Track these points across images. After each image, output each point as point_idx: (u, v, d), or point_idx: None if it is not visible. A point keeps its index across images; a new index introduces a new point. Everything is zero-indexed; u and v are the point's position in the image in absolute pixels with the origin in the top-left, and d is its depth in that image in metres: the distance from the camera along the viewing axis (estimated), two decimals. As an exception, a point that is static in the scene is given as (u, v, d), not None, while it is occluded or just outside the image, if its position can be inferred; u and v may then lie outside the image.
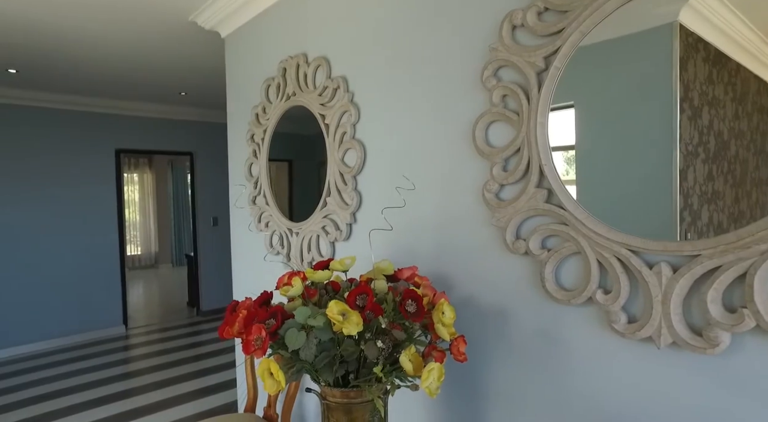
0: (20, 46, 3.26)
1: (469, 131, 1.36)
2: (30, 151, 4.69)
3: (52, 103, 4.75)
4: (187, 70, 3.89)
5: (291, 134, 2.27)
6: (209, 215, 5.93)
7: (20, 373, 4.16)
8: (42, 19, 2.75)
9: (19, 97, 4.54)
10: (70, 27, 2.86)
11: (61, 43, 3.19)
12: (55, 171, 4.84)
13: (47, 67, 3.78)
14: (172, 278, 8.87)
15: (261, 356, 1.02)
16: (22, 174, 4.66)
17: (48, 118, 4.78)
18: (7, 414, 3.36)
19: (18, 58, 3.54)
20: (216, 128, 5.88)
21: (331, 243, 1.88)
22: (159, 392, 3.68)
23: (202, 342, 5.04)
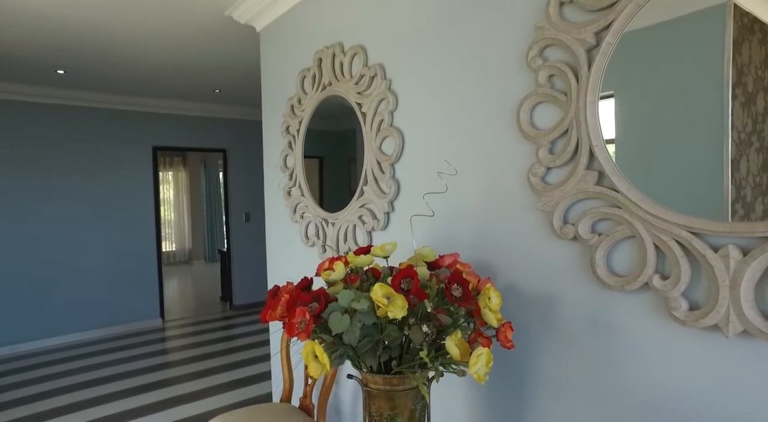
0: (68, 48, 3.38)
1: (512, 114, 1.32)
2: (74, 149, 4.87)
3: (94, 103, 4.91)
4: (222, 68, 3.96)
5: (321, 130, 2.27)
6: (242, 211, 6.02)
7: (66, 360, 4.32)
8: (87, 21, 2.84)
9: (65, 97, 4.72)
10: (112, 27, 2.95)
11: (104, 44, 3.29)
12: (96, 168, 5.01)
13: (91, 68, 3.91)
14: (205, 274, 9.07)
15: (305, 339, 1.01)
16: (67, 171, 4.85)
17: (91, 117, 4.95)
18: (54, 398, 3.50)
19: (66, 60, 3.68)
20: (248, 125, 5.97)
21: (368, 233, 1.86)
22: (194, 382, 3.75)
23: (235, 336, 5.13)
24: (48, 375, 4.00)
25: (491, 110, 1.38)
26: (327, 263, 1.27)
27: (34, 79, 4.28)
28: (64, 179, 4.83)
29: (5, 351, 4.58)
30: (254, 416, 1.99)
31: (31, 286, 4.70)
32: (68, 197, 4.86)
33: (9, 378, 3.97)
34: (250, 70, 3.98)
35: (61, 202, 4.82)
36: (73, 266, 4.90)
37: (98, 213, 5.04)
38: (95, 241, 5.03)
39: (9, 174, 4.56)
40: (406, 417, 1.20)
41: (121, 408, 3.31)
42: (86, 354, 4.50)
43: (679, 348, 1.00)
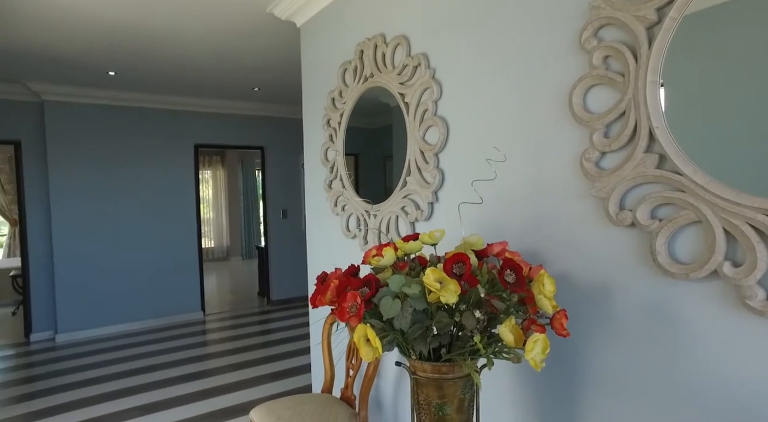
0: (118, 50, 3.52)
1: (563, 98, 1.28)
2: (122, 147, 5.08)
3: (140, 103, 5.10)
4: (261, 65, 4.03)
5: (357, 127, 2.28)
6: (279, 208, 6.13)
7: (117, 349, 4.51)
8: (136, 22, 2.94)
9: (114, 97, 4.92)
10: (158, 28, 3.05)
11: (150, 45, 3.40)
12: (142, 166, 5.20)
13: (138, 69, 4.06)
14: (242, 270, 9.28)
15: (356, 323, 1.01)
16: (117, 169, 5.05)
17: (137, 116, 5.14)
18: (106, 383, 3.66)
19: (116, 61, 3.83)
20: (286, 122, 6.07)
21: (411, 223, 1.85)
22: (234, 373, 3.84)
23: (272, 330, 5.21)
24: (101, 362, 4.18)
25: (541, 94, 1.35)
26: (375, 250, 1.27)
27: (88, 82, 4.48)
28: (113, 177, 5.04)
29: (65, 337, 4.83)
30: (297, 405, 2.01)
31: (88, 279, 4.93)
32: (117, 195, 5.07)
33: (68, 362, 4.18)
34: (289, 67, 4.04)
35: (111, 199, 5.03)
36: (123, 261, 5.11)
37: (145, 210, 5.24)
38: (142, 236, 5.22)
39: (66, 171, 4.79)
40: (455, 405, 1.18)
41: (165, 396, 3.42)
42: (134, 344, 4.68)
43: (755, 338, 0.94)
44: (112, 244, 5.07)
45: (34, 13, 2.85)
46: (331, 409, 1.98)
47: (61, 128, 4.78)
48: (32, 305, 4.88)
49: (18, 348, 4.73)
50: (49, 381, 3.81)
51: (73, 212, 4.86)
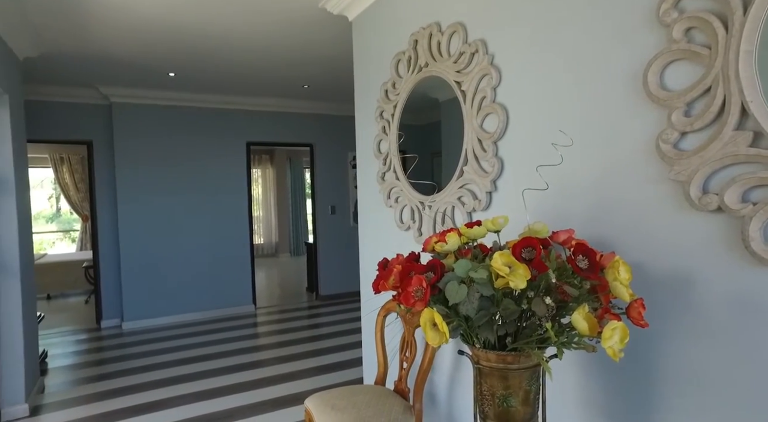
0: (178, 51, 3.68)
1: (637, 77, 1.21)
2: (180, 146, 5.31)
3: (197, 102, 5.32)
4: (311, 62, 4.09)
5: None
6: (327, 204, 6.21)
7: (174, 338, 4.72)
8: (195, 24, 3.06)
9: (173, 98, 5.16)
10: (216, 29, 3.15)
11: (208, 46, 3.53)
12: (199, 164, 5.42)
13: (196, 70, 4.23)
14: (291, 266, 9.48)
15: (422, 307, 0.99)
16: (176, 167, 5.29)
17: (194, 116, 5.36)
18: (163, 370, 3.83)
19: (175, 63, 4.01)
20: (334, 120, 6.14)
21: (468, 214, 1.81)
22: (284, 365, 3.91)
23: (321, 324, 5.29)
24: (161, 349, 4.39)
25: (611, 74, 1.28)
26: (436, 237, 1.24)
27: (150, 83, 4.71)
28: (172, 174, 5.28)
29: (131, 324, 5.12)
30: (351, 395, 2.01)
31: (150, 271, 5.20)
32: (176, 191, 5.31)
33: (132, 348, 4.42)
34: (339, 63, 4.07)
35: (171, 195, 5.28)
36: (181, 255, 5.35)
37: (201, 206, 5.45)
38: (198, 232, 5.44)
39: (131, 170, 5.06)
40: (521, 397, 1.14)
41: (219, 384, 3.53)
42: (191, 333, 4.88)
43: None
44: (172, 239, 5.31)
45: (105, 20, 3.03)
46: (386, 400, 1.97)
47: (127, 128, 5.05)
48: (102, 294, 5.20)
49: (90, 333, 5.05)
50: (116, 364, 4.04)
51: (137, 208, 5.13)
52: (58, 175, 7.99)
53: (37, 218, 12.82)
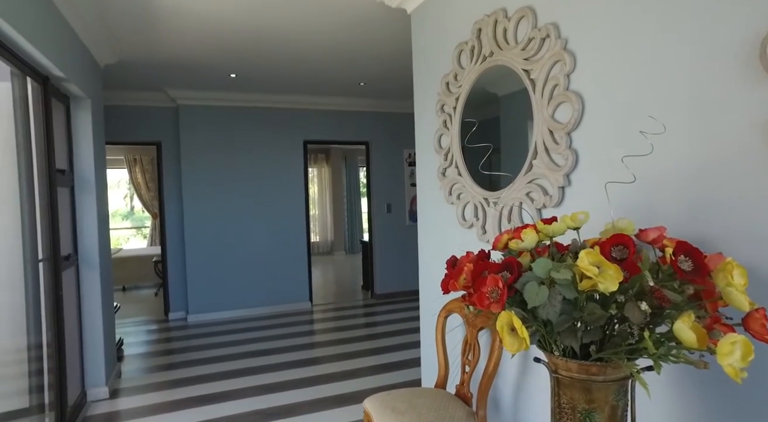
0: (240, 53, 3.78)
1: (750, 50, 1.06)
2: (241, 145, 5.48)
3: (256, 102, 5.47)
4: (368, 59, 4.07)
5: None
6: (383, 202, 6.19)
7: (235, 332, 4.88)
8: (256, 25, 3.12)
9: (233, 99, 5.33)
10: (275, 28, 3.20)
11: (268, 46, 3.60)
12: (258, 163, 5.57)
13: (256, 70, 4.33)
14: (346, 264, 9.58)
15: (498, 309, 0.91)
16: (237, 166, 5.47)
17: (253, 115, 5.52)
18: (225, 363, 3.96)
19: (237, 64, 4.13)
20: (390, 117, 6.11)
21: (538, 210, 1.70)
22: (341, 363, 3.92)
23: (377, 323, 5.27)
24: (223, 342, 4.55)
25: (713, 49, 1.13)
26: (509, 234, 1.15)
27: (213, 85, 4.89)
28: (233, 173, 5.46)
29: (195, 318, 5.36)
30: (412, 398, 1.95)
31: (212, 267, 5.41)
32: (237, 190, 5.49)
33: (197, 340, 4.61)
34: (396, 59, 4.03)
35: (231, 194, 5.46)
36: (241, 252, 5.52)
37: (260, 204, 5.60)
38: (258, 229, 5.60)
39: (195, 169, 5.29)
40: (606, 413, 1.03)
41: (279, 379, 3.59)
42: (251, 328, 5.02)
43: None
44: (233, 236, 5.49)
45: (174, 27, 3.16)
46: (447, 405, 1.89)
47: (191, 129, 5.28)
48: (169, 288, 5.47)
49: (159, 324, 5.34)
50: (183, 355, 4.23)
51: (201, 206, 5.34)
52: (132, 175, 8.52)
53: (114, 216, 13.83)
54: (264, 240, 5.63)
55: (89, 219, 3.22)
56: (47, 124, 2.62)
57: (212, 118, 5.35)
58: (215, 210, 5.40)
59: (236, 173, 5.48)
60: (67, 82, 2.78)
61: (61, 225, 2.91)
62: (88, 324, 3.26)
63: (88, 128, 3.20)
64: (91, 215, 3.22)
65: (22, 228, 2.47)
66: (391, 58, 4.02)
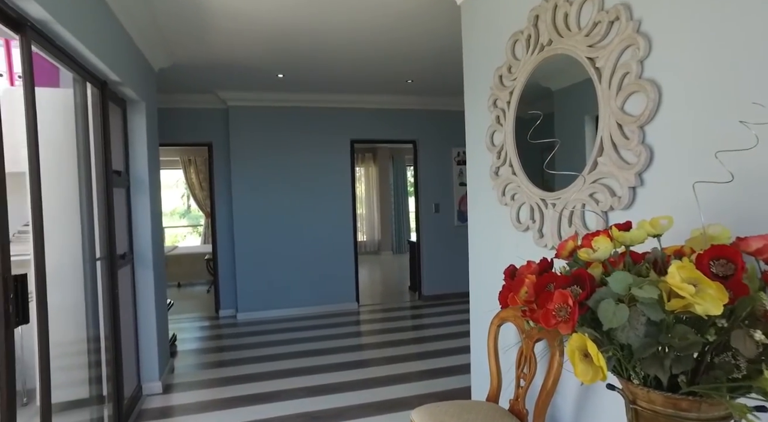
0: (287, 52, 3.78)
1: None
2: (288, 145, 5.53)
3: (303, 102, 5.49)
4: (416, 55, 3.96)
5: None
6: (431, 202, 6.06)
7: (282, 331, 4.92)
8: (304, 25, 3.09)
9: (281, 99, 5.38)
10: (322, 26, 3.16)
11: (315, 45, 3.57)
12: (306, 162, 5.59)
13: (303, 70, 4.33)
14: (393, 264, 9.52)
15: (568, 330, 0.78)
16: (284, 166, 5.52)
17: (300, 115, 5.55)
18: (274, 362, 3.97)
19: (285, 64, 4.14)
20: (438, 115, 5.97)
21: (604, 213, 1.53)
22: (388, 367, 3.84)
23: (425, 325, 5.16)
24: (271, 341, 4.59)
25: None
26: (574, 240, 1.02)
27: (261, 86, 4.95)
28: (281, 173, 5.51)
29: (244, 316, 5.45)
30: (462, 412, 1.84)
31: (260, 266, 5.49)
32: (284, 190, 5.53)
33: (245, 339, 4.69)
34: (445, 55, 3.90)
35: (279, 194, 5.52)
36: (289, 251, 5.57)
37: (307, 204, 5.62)
38: (305, 229, 5.62)
39: (244, 169, 5.39)
40: (698, 456, 0.87)
41: (326, 381, 3.56)
42: (299, 328, 5.04)
43: None
44: (281, 235, 5.54)
45: (224, 29, 3.19)
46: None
47: (241, 130, 5.38)
48: (220, 286, 5.60)
49: (210, 321, 5.48)
50: (233, 353, 4.30)
51: (249, 205, 5.43)
52: (187, 175, 8.85)
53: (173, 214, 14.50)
54: (311, 240, 5.65)
55: (143, 219, 3.31)
56: (104, 126, 2.71)
57: (260, 118, 5.42)
58: (263, 210, 5.48)
59: (284, 173, 5.53)
60: (123, 86, 2.86)
61: (117, 225, 3.00)
62: (142, 321, 3.36)
63: (142, 130, 3.29)
64: (145, 214, 3.32)
65: (81, 228, 2.55)
66: (439, 54, 3.90)
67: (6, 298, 1.67)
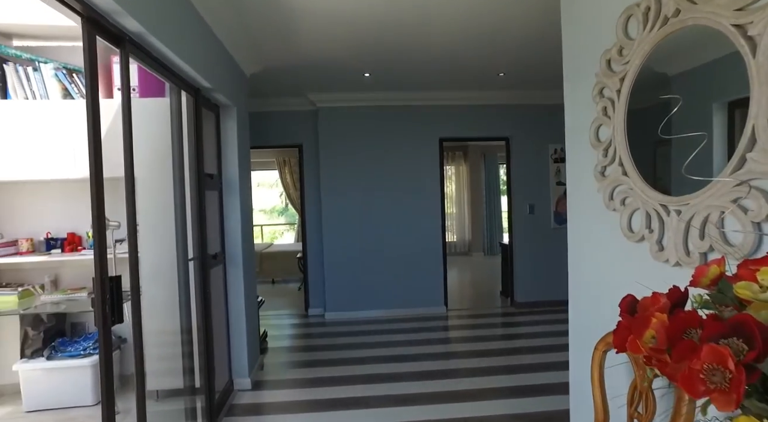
0: (373, 50, 3.71)
1: None
2: (375, 145, 5.48)
3: (390, 101, 5.40)
4: (509, 45, 3.67)
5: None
6: (525, 203, 5.66)
7: (369, 333, 4.88)
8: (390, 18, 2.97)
9: (367, 98, 5.35)
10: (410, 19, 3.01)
11: (402, 40, 3.45)
12: (393, 162, 5.51)
13: (390, 67, 4.23)
14: (484, 266, 9.14)
15: (730, 407, 0.54)
16: (371, 166, 5.49)
17: (387, 114, 5.47)
18: (359, 366, 3.91)
19: (371, 62, 4.07)
20: (533, 109, 5.57)
21: (755, 224, 1.20)
22: (477, 380, 3.60)
23: (517, 335, 4.82)
24: (358, 344, 4.56)
25: None
26: (719, 265, 0.75)
27: (348, 86, 4.95)
28: (368, 173, 5.48)
29: (331, 315, 5.52)
30: (560, 451, 1.58)
31: (348, 266, 5.51)
32: (371, 190, 5.50)
33: (333, 339, 4.73)
34: (540, 42, 3.56)
35: (366, 194, 5.49)
36: (376, 251, 5.53)
37: (394, 204, 5.53)
38: (392, 229, 5.54)
39: (332, 169, 5.44)
40: None
41: (412, 390, 3.41)
42: (385, 331, 4.97)
43: None
44: (367, 235, 5.51)
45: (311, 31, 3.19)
46: (608, 469, 1.48)
47: (328, 130, 5.43)
48: (309, 284, 5.72)
49: (300, 319, 5.63)
50: (320, 353, 4.34)
51: (337, 205, 5.47)
52: (282, 175, 9.24)
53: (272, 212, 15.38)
54: (399, 240, 5.55)
55: (234, 220, 3.42)
56: (197, 132, 2.81)
57: (348, 119, 5.43)
58: (351, 210, 5.48)
59: (371, 173, 5.49)
60: (215, 92, 2.95)
61: (210, 226, 3.12)
62: (233, 318, 3.47)
63: (233, 134, 3.40)
64: (236, 216, 3.42)
65: (175, 230, 2.67)
66: (534, 42, 3.57)
67: (103, 299, 1.75)
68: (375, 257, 5.52)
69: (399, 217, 5.54)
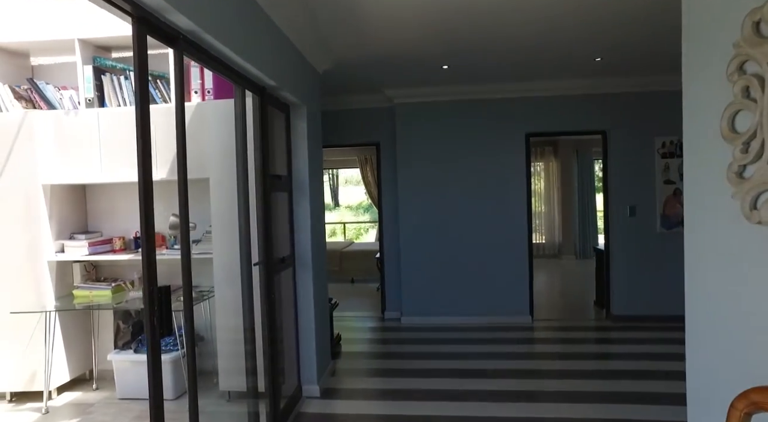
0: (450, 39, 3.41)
1: None
2: (455, 141, 5.16)
3: (471, 95, 5.05)
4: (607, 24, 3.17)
5: None
6: (624, 204, 5.01)
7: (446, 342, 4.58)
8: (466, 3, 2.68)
9: (447, 93, 5.05)
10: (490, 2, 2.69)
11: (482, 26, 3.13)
12: (475, 159, 5.15)
13: (470, 57, 3.91)
14: (575, 271, 8.40)
15: None
16: (450, 164, 5.18)
17: (468, 109, 5.12)
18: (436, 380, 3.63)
19: (448, 53, 3.79)
20: (635, 98, 4.91)
21: None
22: (565, 406, 3.15)
23: (612, 355, 4.26)
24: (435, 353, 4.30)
25: None
26: None
27: (425, 80, 4.69)
28: (447, 171, 5.18)
29: (407, 320, 5.30)
30: None
31: (425, 269, 5.25)
32: (450, 189, 5.19)
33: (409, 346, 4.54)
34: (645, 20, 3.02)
35: (445, 193, 5.19)
36: (455, 254, 5.20)
37: (476, 204, 5.17)
38: (473, 231, 5.19)
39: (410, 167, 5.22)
40: None
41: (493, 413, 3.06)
42: (464, 340, 4.63)
43: None
44: (447, 237, 5.21)
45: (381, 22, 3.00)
46: None
47: (406, 127, 5.21)
48: (386, 286, 5.56)
49: (376, 322, 5.49)
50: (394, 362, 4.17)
51: (415, 204, 5.23)
52: (363, 173, 9.22)
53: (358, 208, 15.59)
54: (481, 242, 5.18)
55: (303, 221, 3.32)
56: (263, 132, 2.72)
57: (426, 115, 5.17)
58: (429, 209, 5.22)
59: (451, 171, 5.18)
60: (282, 91, 2.85)
61: (279, 229, 3.04)
62: (302, 323, 3.38)
63: (303, 133, 3.30)
64: (305, 217, 3.32)
65: (239, 234, 2.60)
66: (639, 18, 3.04)
67: (151, 311, 1.67)
68: (454, 259, 5.20)
69: (480, 216, 5.17)
